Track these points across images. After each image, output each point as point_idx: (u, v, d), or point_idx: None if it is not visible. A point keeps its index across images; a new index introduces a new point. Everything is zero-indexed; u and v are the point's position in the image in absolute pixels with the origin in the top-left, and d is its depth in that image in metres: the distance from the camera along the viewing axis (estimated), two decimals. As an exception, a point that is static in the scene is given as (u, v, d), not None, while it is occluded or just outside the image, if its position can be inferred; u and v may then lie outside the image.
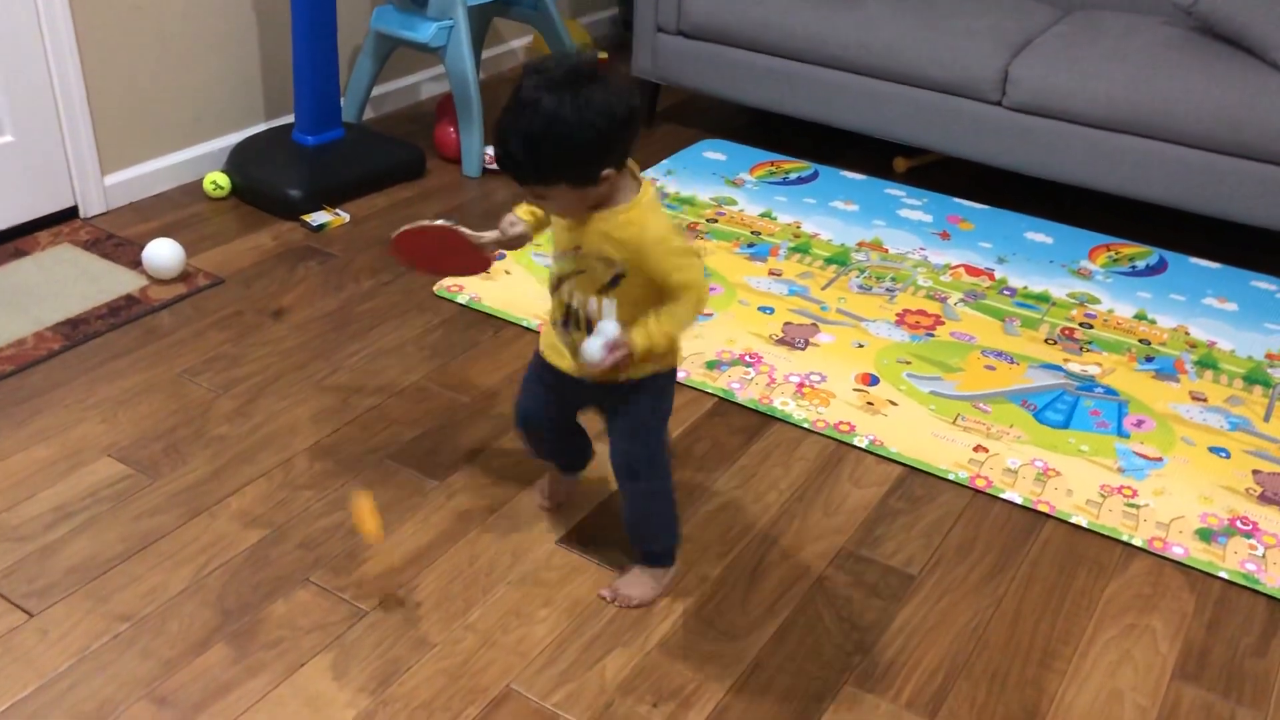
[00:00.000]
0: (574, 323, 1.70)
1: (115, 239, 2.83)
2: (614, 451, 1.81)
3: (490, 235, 1.81)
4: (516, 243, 1.81)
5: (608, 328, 1.62)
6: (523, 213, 1.80)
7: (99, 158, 2.91)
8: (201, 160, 3.14)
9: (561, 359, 1.76)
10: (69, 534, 1.93)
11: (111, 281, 2.64)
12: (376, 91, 3.57)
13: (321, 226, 2.93)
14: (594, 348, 1.61)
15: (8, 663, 1.69)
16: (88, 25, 2.78)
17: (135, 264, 2.70)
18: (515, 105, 1.54)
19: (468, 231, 1.81)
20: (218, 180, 3.03)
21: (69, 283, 2.63)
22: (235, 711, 1.64)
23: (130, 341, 2.44)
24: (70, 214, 2.92)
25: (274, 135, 3.17)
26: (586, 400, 1.84)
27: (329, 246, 2.86)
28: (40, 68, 2.74)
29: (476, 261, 1.88)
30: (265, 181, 3.01)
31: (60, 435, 2.16)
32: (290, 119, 3.27)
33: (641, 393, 1.75)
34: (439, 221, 1.83)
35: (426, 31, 3.14)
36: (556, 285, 1.72)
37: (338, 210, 2.99)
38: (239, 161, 3.07)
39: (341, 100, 3.25)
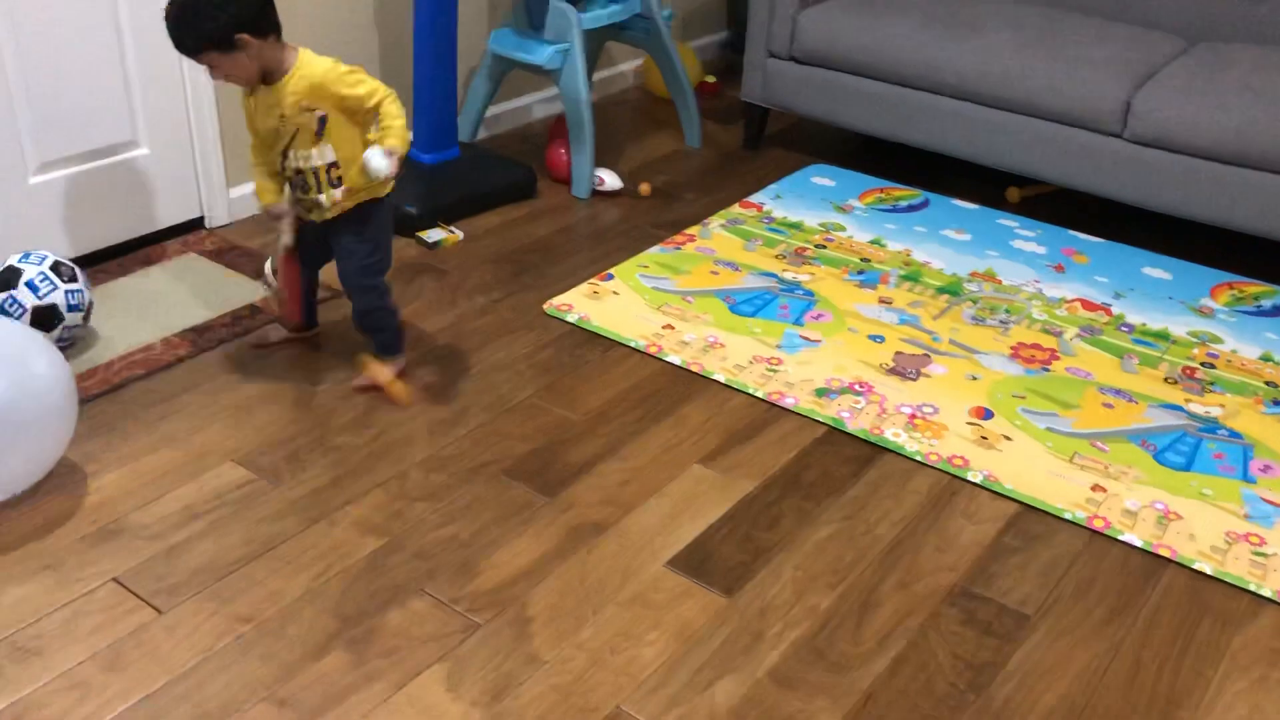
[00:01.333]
0: (308, 183, 2.21)
1: (238, 250, 2.92)
2: (339, 269, 2.33)
3: (286, 231, 2.32)
4: (279, 211, 2.31)
5: (371, 151, 2.11)
6: (267, 196, 2.30)
7: (226, 171, 3.01)
8: (322, 175, 3.22)
9: (309, 216, 2.28)
10: (195, 535, 1.99)
11: (235, 291, 2.73)
12: (490, 111, 3.63)
13: (437, 244, 2.99)
14: (379, 160, 2.10)
15: (139, 657, 1.74)
16: (222, 43, 2.88)
17: (258, 274, 2.78)
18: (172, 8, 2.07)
19: (284, 243, 2.32)
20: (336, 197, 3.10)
21: (195, 291, 2.72)
22: (353, 717, 1.67)
23: (252, 350, 2.52)
24: (196, 224, 3.02)
25: (392, 152, 3.24)
26: (320, 237, 2.32)
27: (443, 263, 2.92)
28: (176, 84, 2.85)
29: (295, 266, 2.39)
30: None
31: (186, 439, 2.23)
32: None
33: (355, 218, 2.28)
34: (279, 267, 2.36)
35: (543, 54, 3.19)
36: (282, 165, 2.21)
37: (452, 228, 3.05)
38: (358, 177, 3.15)
39: (459, 120, 3.31)
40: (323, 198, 2.23)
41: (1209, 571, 2.01)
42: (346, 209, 2.27)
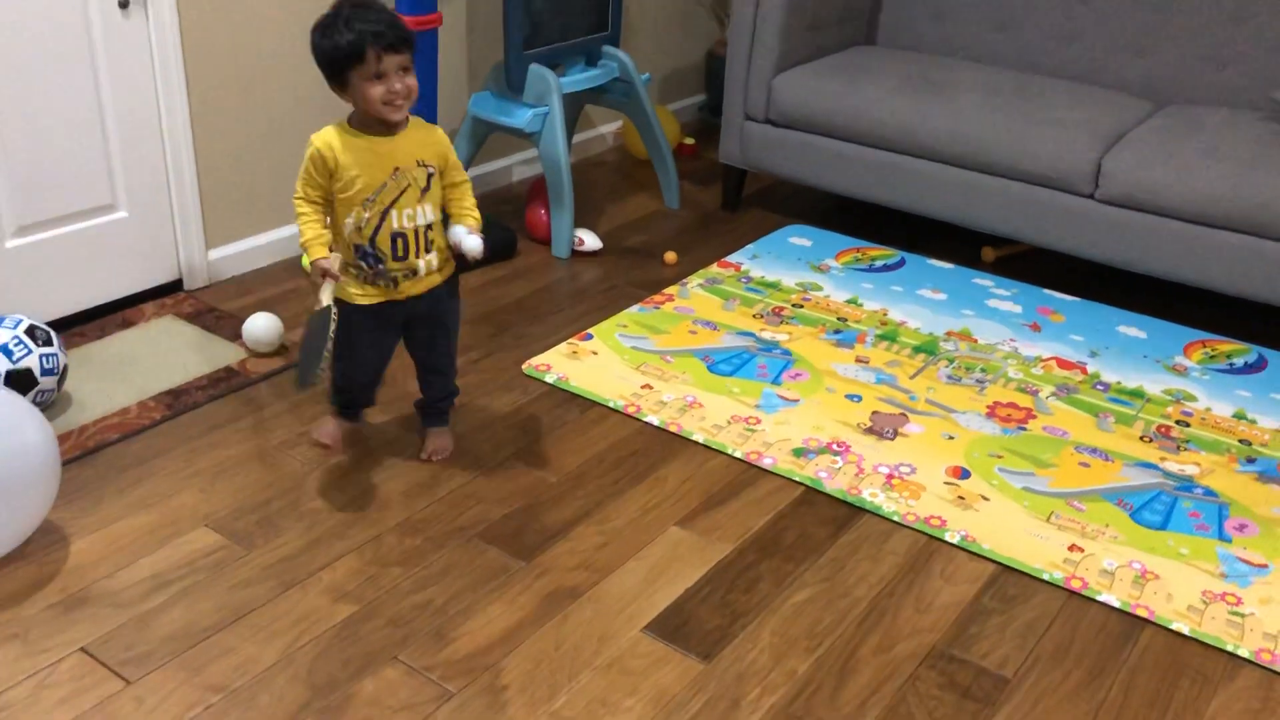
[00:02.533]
0: (404, 249, 2.10)
1: (216, 312, 2.92)
2: (428, 351, 2.28)
3: (326, 292, 2.06)
4: (330, 270, 2.08)
5: (457, 229, 2.09)
6: (318, 249, 2.07)
7: (205, 233, 3.02)
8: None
9: (379, 296, 2.15)
10: (166, 602, 1.96)
11: (212, 353, 2.72)
12: (471, 173, 3.66)
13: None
14: (473, 240, 2.08)
15: (104, 730, 1.71)
16: (202, 107, 2.90)
17: (235, 337, 2.78)
18: (377, 12, 2.01)
19: (324, 294, 2.08)
20: (316, 257, 3.12)
21: (172, 354, 2.72)
22: (323, 790, 1.64)
23: (229, 413, 2.51)
24: (175, 287, 3.02)
25: (372, 214, 3.26)
26: (410, 315, 2.20)
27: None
28: (156, 148, 2.86)
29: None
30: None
31: (160, 504, 2.21)
32: (388, 199, 3.36)
33: (453, 294, 2.24)
34: (333, 324, 2.10)
35: (523, 118, 3.22)
36: (378, 227, 2.07)
37: (431, 289, 3.06)
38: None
39: (437, 181, 3.33)
40: (421, 263, 2.13)
41: (1186, 632, 2.01)
42: (442, 280, 2.20)
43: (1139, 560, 2.17)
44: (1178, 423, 2.64)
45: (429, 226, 2.13)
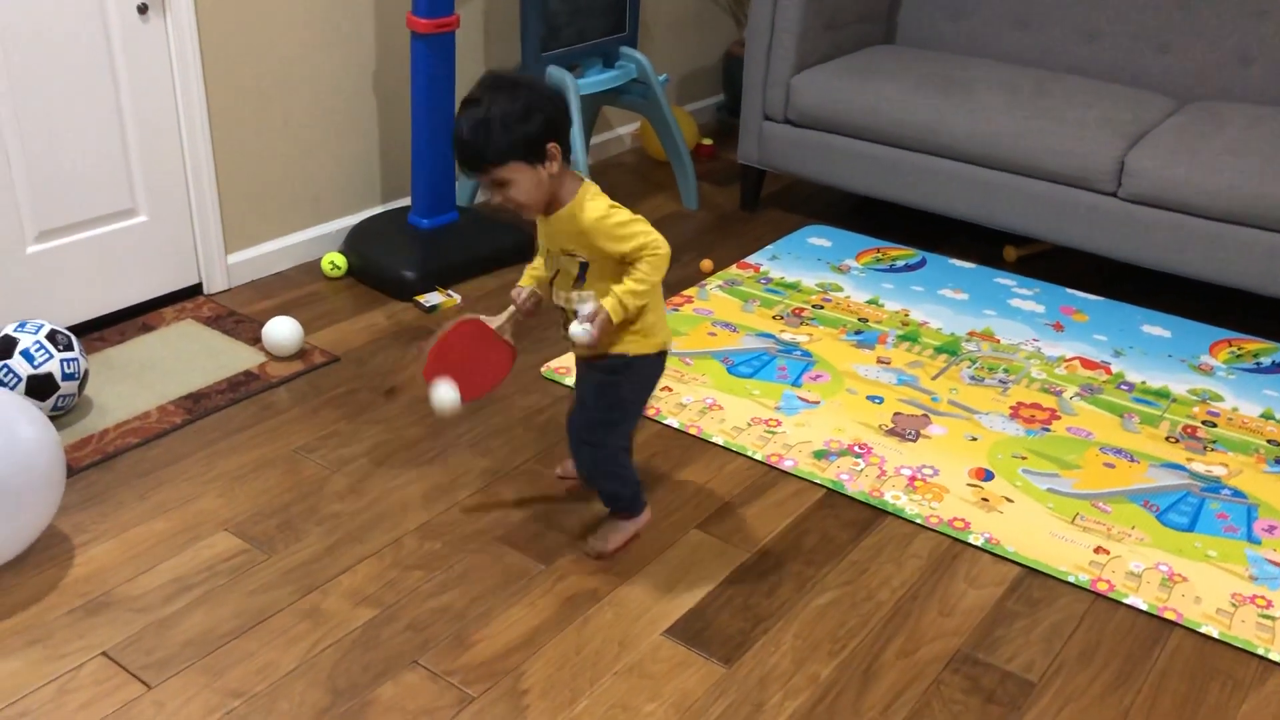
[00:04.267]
0: (565, 320, 1.96)
1: (236, 316, 2.92)
2: (582, 417, 2.05)
3: (505, 313, 2.04)
4: (531, 308, 2.04)
5: (584, 307, 1.87)
6: (525, 280, 2.04)
7: (224, 237, 3.02)
8: (320, 241, 3.24)
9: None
10: (186, 607, 1.96)
11: (232, 358, 2.72)
12: (488, 176, 3.65)
13: (434, 308, 2.99)
14: (576, 328, 1.86)
15: (125, 735, 1.71)
16: (220, 112, 2.91)
17: (255, 341, 2.78)
18: (465, 106, 1.80)
19: (485, 318, 2.03)
20: (335, 260, 3.12)
21: (191, 358, 2.72)
22: (343, 795, 1.63)
23: (248, 417, 2.51)
24: (194, 291, 3.03)
25: (390, 218, 3.27)
26: (580, 377, 2.06)
27: (441, 327, 2.91)
28: (175, 153, 2.87)
29: (504, 355, 2.09)
30: (381, 262, 3.09)
31: (180, 508, 2.21)
32: (406, 202, 3.37)
33: (604, 370, 1.99)
34: (455, 321, 2.02)
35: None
36: (550, 291, 1.98)
37: (450, 292, 3.06)
38: (356, 243, 3.17)
39: (456, 185, 3.33)
40: (581, 333, 1.92)
41: (1215, 635, 1.98)
42: (599, 355, 1.97)
43: (1166, 562, 2.14)
44: (1204, 423, 2.60)
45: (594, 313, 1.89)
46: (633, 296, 1.86)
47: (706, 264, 3.27)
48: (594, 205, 1.85)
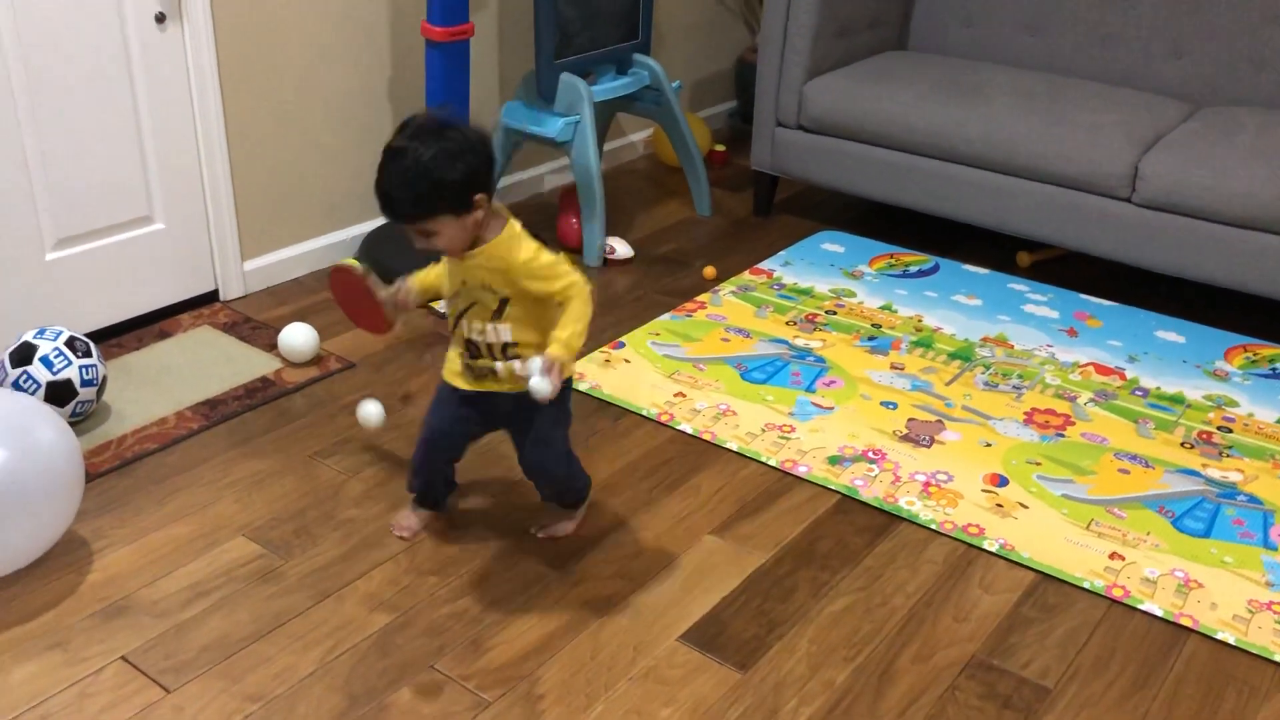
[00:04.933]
0: (477, 352, 1.95)
1: (252, 322, 2.94)
2: (532, 458, 2.07)
3: (386, 290, 2.07)
4: (402, 303, 2.07)
5: (532, 364, 1.80)
6: (413, 280, 2.05)
7: (240, 244, 3.04)
8: (335, 247, 3.26)
9: (469, 384, 2.00)
10: (204, 612, 1.97)
11: (248, 364, 2.74)
12: (503, 182, 3.67)
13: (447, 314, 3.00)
14: (541, 385, 1.78)
15: (144, 739, 1.72)
16: (237, 119, 2.93)
17: (271, 347, 2.80)
18: (388, 157, 1.78)
19: (374, 280, 2.09)
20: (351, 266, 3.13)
21: (208, 364, 2.74)
22: (361, 800, 1.64)
23: (265, 423, 2.52)
24: (211, 297, 3.05)
25: (405, 224, 3.28)
26: (501, 416, 2.04)
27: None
28: (192, 159, 2.89)
29: (379, 318, 2.15)
30: (395, 269, 3.07)
31: (198, 514, 2.22)
32: (420, 209, 3.37)
33: (568, 387, 2.01)
34: (357, 267, 2.13)
35: (554, 127, 3.23)
36: (455, 324, 1.96)
37: (464, 298, 3.07)
38: (370, 249, 3.18)
39: (469, 191, 3.34)
40: (499, 367, 1.94)
41: (1232, 641, 1.97)
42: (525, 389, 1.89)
43: (1182, 569, 2.14)
44: (1219, 428, 2.60)
45: (507, 344, 1.92)
46: (578, 337, 1.84)
47: (709, 271, 3.27)
48: (523, 247, 1.85)
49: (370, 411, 2.16)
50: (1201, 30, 3.36)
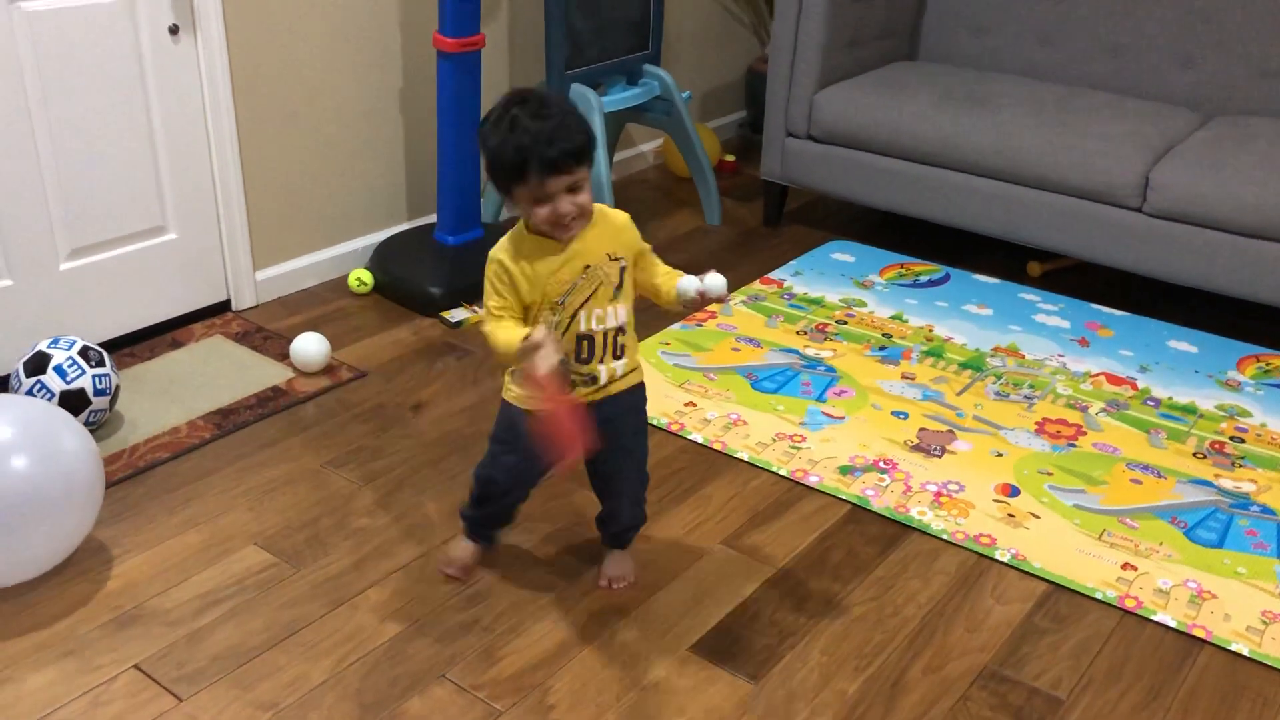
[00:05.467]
0: (589, 352, 1.86)
1: (264, 332, 2.95)
2: (613, 466, 1.98)
3: (555, 359, 1.71)
4: (547, 338, 1.73)
5: (686, 279, 1.85)
6: (515, 333, 1.77)
7: (252, 254, 3.05)
8: (347, 257, 3.27)
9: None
10: (216, 620, 1.98)
11: (260, 373, 2.75)
12: (512, 192, 3.68)
13: (460, 323, 3.01)
14: (714, 278, 1.83)
15: (157, 748, 1.73)
16: (249, 130, 2.95)
17: (282, 356, 2.81)
18: (529, 117, 1.71)
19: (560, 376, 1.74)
20: (362, 277, 3.15)
21: (220, 374, 2.75)
22: (372, 809, 1.64)
23: (277, 432, 2.53)
24: (223, 307, 3.06)
25: (417, 234, 3.29)
26: (606, 423, 1.86)
27: (466, 342, 2.94)
28: (204, 170, 2.90)
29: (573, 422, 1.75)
30: (407, 279, 3.12)
31: (210, 523, 2.23)
32: (433, 219, 3.39)
33: (641, 393, 1.97)
34: (550, 391, 1.72)
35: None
36: (565, 329, 1.83)
37: (475, 308, 3.08)
38: (383, 259, 3.19)
39: (481, 201, 3.36)
40: (603, 369, 1.87)
41: (1245, 653, 1.96)
42: (624, 388, 1.92)
43: (1195, 579, 2.13)
44: (1232, 439, 2.59)
45: (620, 330, 1.87)
46: None
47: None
48: (615, 210, 1.90)
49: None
50: (1212, 40, 3.36)
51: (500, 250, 1.84)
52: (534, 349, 1.71)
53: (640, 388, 1.96)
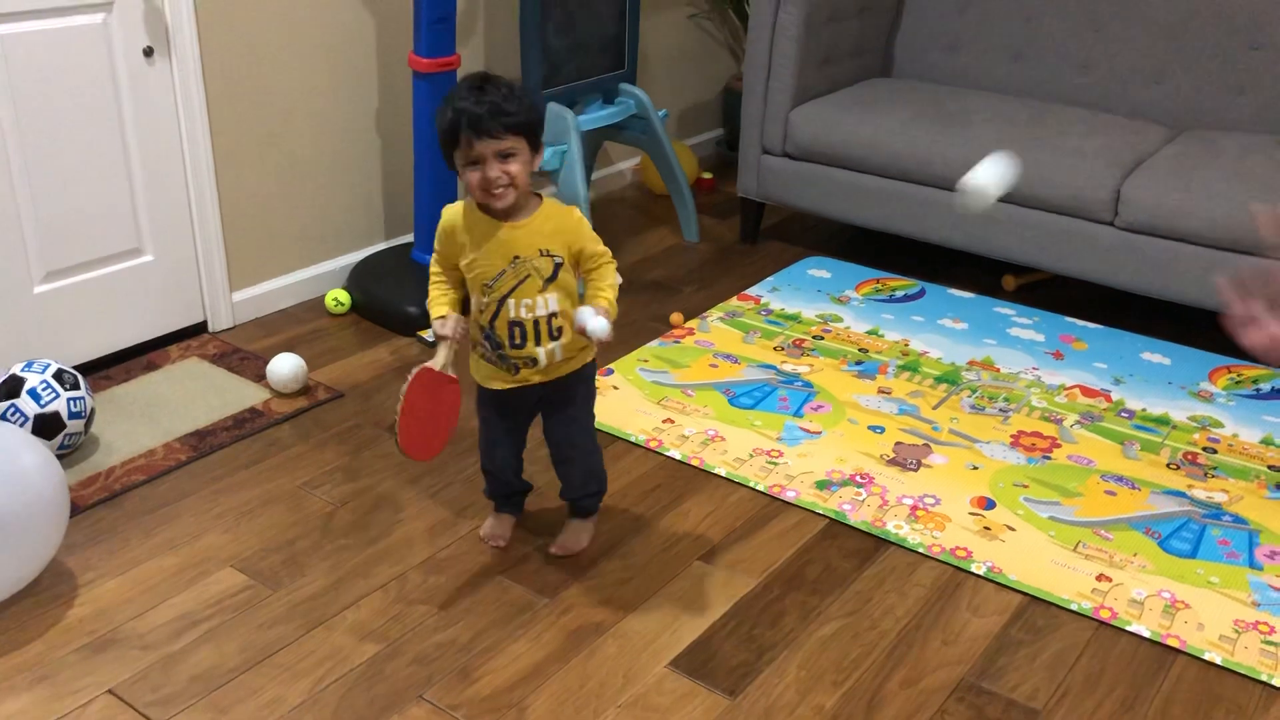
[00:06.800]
0: (521, 337, 1.97)
1: (241, 353, 2.94)
2: (560, 434, 2.13)
3: (441, 353, 1.99)
4: (459, 335, 2.00)
5: (583, 312, 1.89)
6: (438, 308, 2.01)
7: (228, 276, 3.05)
8: (324, 278, 3.27)
9: (504, 382, 2.03)
10: (192, 643, 1.97)
11: (237, 394, 2.74)
12: (490, 211, 3.69)
13: (436, 343, 3.00)
14: (599, 324, 1.88)
15: (132, 772, 1.72)
16: (225, 152, 2.95)
17: (259, 377, 2.80)
18: (479, 80, 1.86)
19: (429, 365, 1.97)
20: (339, 297, 3.15)
21: (197, 395, 2.74)
22: (349, 831, 1.63)
23: (253, 453, 2.52)
24: (199, 329, 3.05)
25: (394, 254, 3.30)
26: (529, 407, 2.11)
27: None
28: (180, 191, 2.90)
29: (454, 393, 2.03)
30: (384, 298, 3.12)
31: (186, 545, 2.22)
32: (409, 238, 3.40)
33: (581, 381, 2.08)
34: (407, 382, 1.95)
35: (542, 156, 3.24)
36: (495, 313, 1.95)
37: (452, 326, 3.08)
38: (360, 279, 3.19)
39: (457, 220, 3.36)
40: (541, 351, 1.98)
41: (1219, 662, 1.98)
42: (571, 370, 2.05)
43: (1169, 589, 2.15)
44: (1204, 449, 2.62)
45: (554, 315, 1.96)
46: (614, 300, 1.96)
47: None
48: (566, 207, 1.97)
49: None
50: (1181, 56, 3.40)
51: (450, 210, 1.98)
52: (439, 336, 1.99)
53: (590, 365, 2.09)
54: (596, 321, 1.88)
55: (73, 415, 2.39)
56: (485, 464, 2.21)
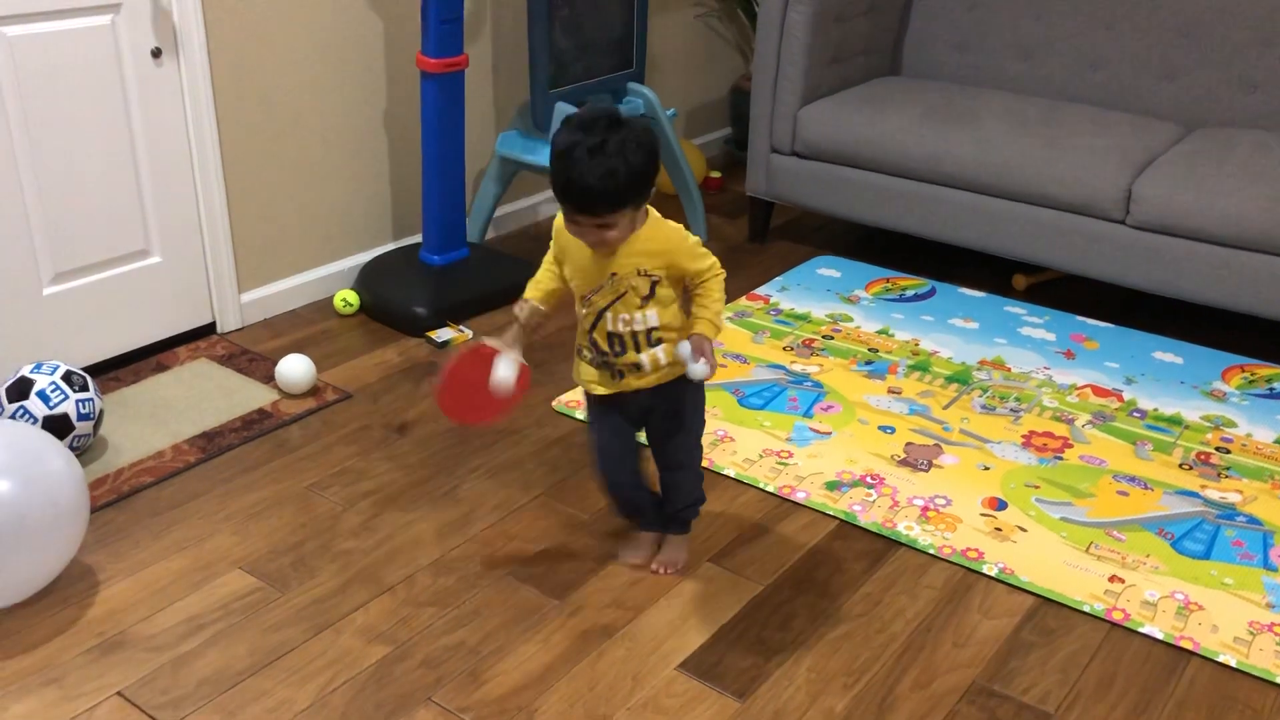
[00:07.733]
0: (620, 346, 1.93)
1: (249, 354, 2.94)
2: (668, 444, 2.07)
3: (510, 332, 1.99)
4: (537, 323, 2.01)
5: (683, 348, 1.87)
6: (529, 289, 2.00)
7: (237, 277, 3.05)
8: (332, 279, 3.27)
9: (608, 387, 1.99)
10: (201, 645, 1.96)
11: (245, 396, 2.74)
12: (497, 212, 3.68)
13: (446, 343, 3.01)
14: (697, 371, 1.84)
15: (140, 776, 1.71)
16: (233, 152, 2.94)
17: (268, 379, 2.80)
18: (584, 151, 1.74)
19: (491, 340, 1.98)
20: (348, 298, 3.15)
21: (205, 397, 2.74)
22: (358, 835, 1.63)
23: (262, 455, 2.52)
24: (208, 330, 3.05)
25: (402, 255, 3.29)
26: (637, 413, 2.04)
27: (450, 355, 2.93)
28: (188, 193, 2.90)
29: (490, 399, 1.98)
30: (393, 299, 3.11)
31: (195, 547, 2.22)
32: (418, 239, 3.39)
33: (690, 388, 2.00)
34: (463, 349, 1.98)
35: (548, 156, 3.23)
36: (594, 322, 1.92)
37: (462, 327, 3.07)
38: (368, 280, 3.19)
39: (467, 221, 3.36)
40: (644, 358, 1.94)
41: (1233, 664, 1.96)
42: (675, 376, 1.97)
43: (1182, 591, 2.13)
44: (1218, 449, 2.60)
45: (653, 330, 1.92)
46: (721, 316, 1.92)
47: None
48: (675, 226, 1.91)
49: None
50: (1192, 53, 3.38)
51: (560, 216, 1.91)
52: (514, 316, 1.99)
53: (684, 384, 1.98)
54: (694, 368, 1.85)
55: (81, 417, 2.39)
56: (600, 476, 2.13)
